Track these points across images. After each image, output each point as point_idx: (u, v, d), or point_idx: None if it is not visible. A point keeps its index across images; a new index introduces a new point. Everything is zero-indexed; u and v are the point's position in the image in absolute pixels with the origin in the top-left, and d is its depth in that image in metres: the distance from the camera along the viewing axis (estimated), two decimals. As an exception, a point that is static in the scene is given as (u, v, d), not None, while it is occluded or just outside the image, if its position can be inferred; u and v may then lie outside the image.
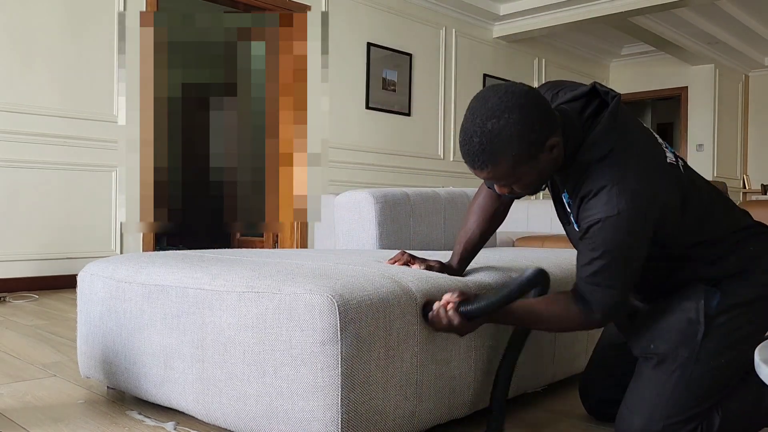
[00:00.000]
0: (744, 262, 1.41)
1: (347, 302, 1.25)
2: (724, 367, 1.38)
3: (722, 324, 1.38)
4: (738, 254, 1.41)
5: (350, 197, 2.40)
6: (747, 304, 1.39)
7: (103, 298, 1.71)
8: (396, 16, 6.22)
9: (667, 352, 1.39)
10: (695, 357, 1.37)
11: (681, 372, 1.38)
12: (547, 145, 1.26)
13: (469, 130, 1.25)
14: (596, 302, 1.34)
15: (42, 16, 4.10)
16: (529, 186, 1.33)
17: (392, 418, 1.33)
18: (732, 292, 1.39)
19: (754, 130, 9.63)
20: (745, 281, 1.40)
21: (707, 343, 1.37)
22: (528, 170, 1.28)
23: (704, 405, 1.38)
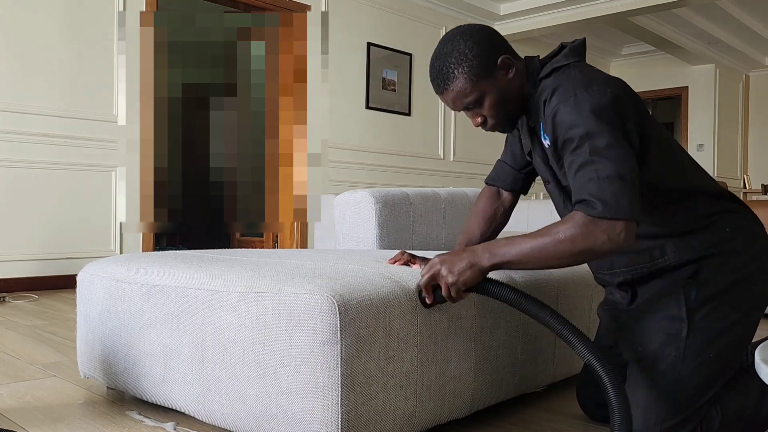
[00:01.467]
0: (719, 243, 1.37)
1: (347, 302, 1.25)
2: (713, 360, 1.35)
3: (705, 316, 1.35)
4: (714, 231, 1.38)
5: (350, 197, 2.39)
6: (726, 291, 1.36)
7: (103, 298, 1.71)
8: (396, 16, 6.22)
9: (654, 353, 1.37)
10: (683, 355, 1.35)
11: (670, 372, 1.35)
12: (500, 62, 1.37)
13: (431, 60, 1.40)
14: (594, 196, 1.20)
15: (42, 17, 4.10)
16: (496, 114, 1.40)
17: (392, 418, 1.33)
18: (708, 281, 1.36)
19: (754, 130, 9.64)
20: (720, 267, 1.36)
21: (693, 338, 1.35)
22: (487, 88, 1.36)
23: (700, 402, 1.36)
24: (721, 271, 1.37)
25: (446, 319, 1.44)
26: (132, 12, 4.46)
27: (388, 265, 1.56)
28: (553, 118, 1.32)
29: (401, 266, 1.54)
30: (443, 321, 1.43)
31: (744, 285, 1.38)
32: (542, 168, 1.50)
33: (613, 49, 9.28)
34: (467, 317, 1.50)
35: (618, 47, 9.28)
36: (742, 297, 1.38)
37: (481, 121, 1.43)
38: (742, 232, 1.40)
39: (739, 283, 1.37)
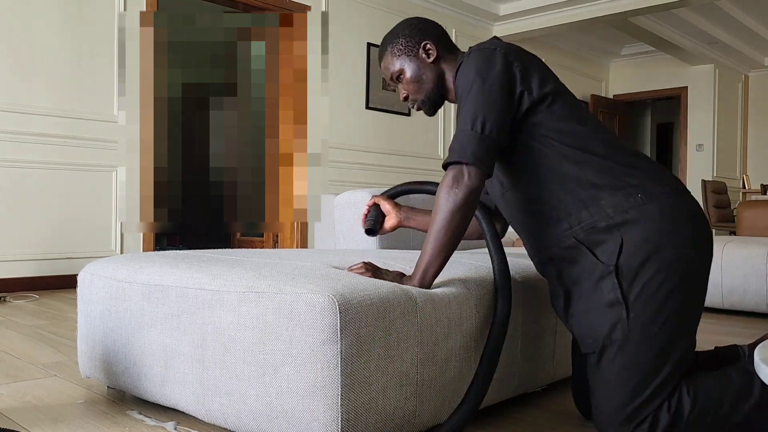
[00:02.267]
0: (632, 209, 1.38)
1: (348, 302, 1.25)
2: (659, 333, 1.35)
3: (639, 293, 1.36)
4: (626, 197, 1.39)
5: (350, 197, 2.40)
6: (649, 261, 1.35)
7: (103, 298, 1.71)
8: (396, 16, 6.23)
9: (603, 340, 1.39)
10: (628, 336, 1.36)
11: (621, 355, 1.36)
12: (422, 46, 1.58)
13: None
14: (450, 150, 1.39)
15: (42, 17, 4.10)
16: (414, 90, 1.59)
17: (392, 417, 1.33)
18: (631, 255, 1.36)
19: (754, 130, 9.64)
20: (640, 235, 1.37)
21: (634, 317, 1.36)
22: (407, 65, 1.59)
23: (659, 377, 1.35)
24: (639, 241, 1.37)
25: (446, 319, 1.44)
26: (132, 12, 4.46)
27: (388, 265, 1.56)
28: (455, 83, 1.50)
29: (404, 262, 1.57)
30: (443, 321, 1.43)
31: (668, 252, 1.36)
32: None
33: (613, 49, 9.29)
34: (467, 317, 1.50)
35: (618, 47, 9.29)
36: (671, 264, 1.36)
37: (404, 96, 1.62)
38: (655, 199, 1.40)
39: (658, 249, 1.36)
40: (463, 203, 1.36)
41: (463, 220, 1.38)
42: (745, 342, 2.76)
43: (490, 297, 1.57)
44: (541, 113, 1.44)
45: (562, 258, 1.49)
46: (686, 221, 1.41)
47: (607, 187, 1.41)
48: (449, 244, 1.39)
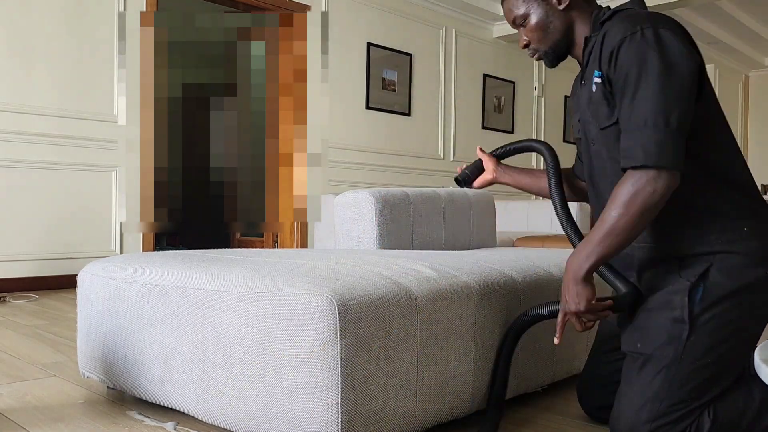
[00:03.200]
0: (734, 241, 1.33)
1: (347, 302, 1.25)
2: (711, 365, 1.33)
3: (708, 321, 1.32)
4: (733, 229, 1.33)
5: (350, 197, 2.40)
6: (732, 296, 1.32)
7: (103, 298, 1.71)
8: (396, 16, 6.22)
9: (652, 352, 1.36)
10: (680, 356, 1.33)
11: (666, 372, 1.34)
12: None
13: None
14: (641, 151, 1.22)
15: (42, 16, 4.10)
16: (538, 38, 1.45)
17: (392, 417, 1.33)
18: (715, 284, 1.33)
19: (753, 130, 9.64)
20: (730, 269, 1.33)
21: (693, 342, 1.32)
22: (534, 8, 1.43)
23: (692, 405, 1.33)
24: (730, 273, 1.33)
25: (446, 319, 1.44)
26: (132, 12, 4.46)
27: (388, 265, 1.56)
28: (613, 53, 1.31)
29: (404, 262, 1.55)
30: (443, 321, 1.43)
31: (753, 291, 1.34)
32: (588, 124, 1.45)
33: (613, 49, 9.28)
34: (467, 317, 1.50)
35: (618, 47, 9.28)
36: (750, 303, 1.34)
37: (525, 43, 1.49)
38: (760, 235, 1.35)
39: (748, 288, 1.33)
40: (660, 201, 1.25)
41: (649, 220, 1.27)
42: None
43: (490, 297, 1.57)
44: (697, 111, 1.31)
45: (644, 261, 1.44)
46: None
47: (722, 215, 1.34)
48: (624, 242, 1.29)
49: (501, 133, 7.30)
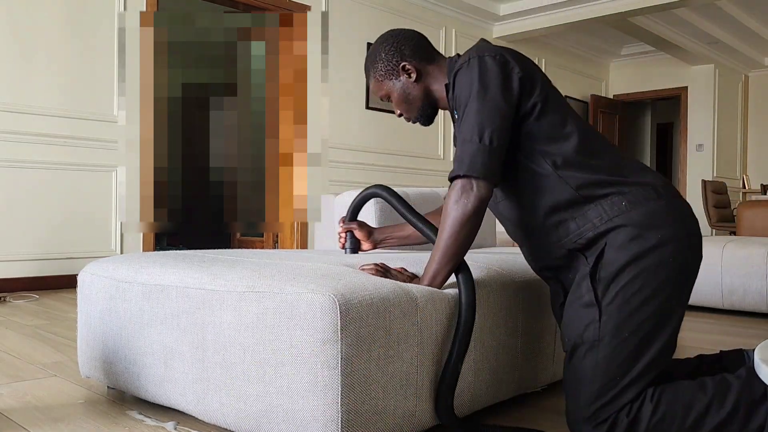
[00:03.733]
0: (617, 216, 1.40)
1: (348, 302, 1.25)
2: (630, 338, 1.36)
3: (613, 298, 1.38)
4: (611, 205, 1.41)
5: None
6: (628, 267, 1.37)
7: (104, 298, 1.71)
8: (396, 16, 6.23)
9: (576, 340, 1.41)
10: (599, 338, 1.38)
11: (590, 355, 1.38)
12: (401, 67, 1.58)
13: None
14: (457, 162, 1.39)
15: (42, 17, 4.10)
16: (405, 109, 1.62)
17: (392, 417, 1.33)
18: (610, 260, 1.39)
19: (754, 130, 9.64)
20: (620, 243, 1.39)
21: (606, 321, 1.38)
22: (391, 88, 1.61)
23: (623, 381, 1.36)
24: (620, 247, 1.39)
25: (446, 319, 1.44)
26: (132, 12, 4.46)
27: (388, 265, 1.56)
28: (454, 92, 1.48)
29: (404, 262, 1.57)
30: (443, 321, 1.43)
31: (646, 256, 1.38)
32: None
33: (613, 49, 9.29)
34: (467, 317, 1.50)
35: (618, 47, 9.29)
36: (650, 271, 1.37)
37: (398, 114, 1.66)
38: (637, 204, 1.41)
39: (640, 256, 1.38)
40: (472, 213, 1.38)
41: (472, 230, 1.40)
42: (744, 341, 2.76)
43: (490, 297, 1.57)
44: (533, 123, 1.44)
45: (557, 266, 1.53)
46: (672, 226, 1.41)
47: (593, 197, 1.43)
48: (458, 253, 1.41)
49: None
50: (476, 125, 1.39)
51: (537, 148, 1.44)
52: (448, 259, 1.41)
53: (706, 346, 2.64)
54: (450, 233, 1.39)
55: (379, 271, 1.47)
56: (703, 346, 2.64)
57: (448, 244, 1.40)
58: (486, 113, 1.39)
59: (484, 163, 1.37)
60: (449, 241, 1.40)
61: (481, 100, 1.40)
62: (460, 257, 1.42)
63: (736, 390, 1.35)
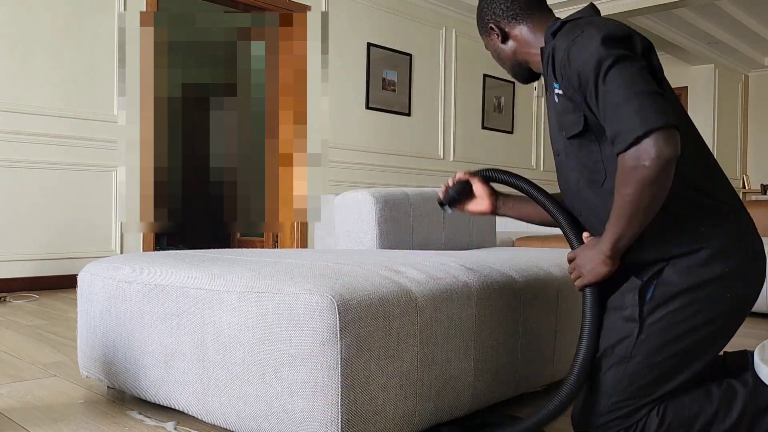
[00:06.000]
0: (689, 243, 1.31)
1: (347, 302, 1.25)
2: (661, 363, 1.32)
3: (658, 320, 1.32)
4: (689, 231, 1.31)
5: (350, 197, 2.40)
6: (684, 294, 1.31)
7: (103, 298, 1.71)
8: (396, 16, 6.23)
9: (606, 349, 1.37)
10: (630, 354, 1.33)
11: (616, 369, 1.34)
12: (489, 26, 1.53)
13: None
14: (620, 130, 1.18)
15: (42, 17, 4.10)
16: (502, 65, 1.58)
17: (392, 417, 1.33)
18: (666, 282, 1.32)
19: (754, 130, 9.64)
20: (682, 268, 1.31)
21: (643, 340, 1.33)
22: (488, 44, 1.57)
23: (641, 402, 1.33)
24: (683, 272, 1.31)
25: (446, 319, 1.44)
26: (132, 12, 4.46)
27: (388, 265, 1.56)
28: (564, 64, 1.30)
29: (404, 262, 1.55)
30: (443, 321, 1.43)
31: (706, 288, 1.31)
32: (555, 134, 1.46)
33: (613, 49, 9.27)
34: (467, 317, 1.50)
35: (618, 47, 9.28)
36: (703, 301, 1.31)
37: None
38: (717, 234, 1.32)
39: (700, 286, 1.31)
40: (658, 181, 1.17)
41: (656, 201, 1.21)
42: (744, 341, 2.75)
43: (490, 297, 1.57)
44: None
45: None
46: (740, 262, 1.33)
47: (676, 213, 1.31)
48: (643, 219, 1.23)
49: (501, 133, 7.30)
50: (627, 86, 1.19)
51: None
52: (627, 225, 1.24)
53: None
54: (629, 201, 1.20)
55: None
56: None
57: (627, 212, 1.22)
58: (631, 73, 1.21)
59: (658, 111, 1.16)
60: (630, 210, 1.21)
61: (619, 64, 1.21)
62: (643, 225, 1.25)
63: (742, 398, 1.34)
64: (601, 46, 1.23)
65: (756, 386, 1.34)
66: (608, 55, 1.22)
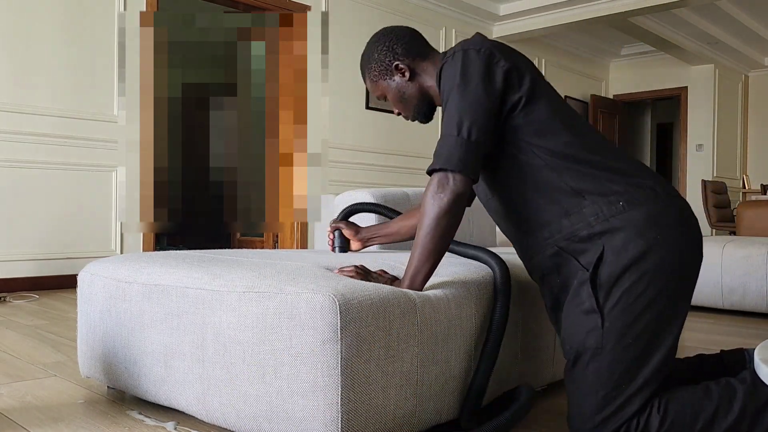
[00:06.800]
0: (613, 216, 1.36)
1: (348, 302, 1.25)
2: (634, 343, 1.33)
3: (615, 303, 1.34)
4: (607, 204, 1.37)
5: (350, 197, 2.40)
6: (628, 271, 1.33)
7: (103, 298, 1.71)
8: (396, 16, 6.23)
9: (578, 348, 1.37)
10: (601, 345, 1.34)
11: (593, 364, 1.35)
12: (394, 66, 1.58)
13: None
14: (435, 156, 1.37)
15: (42, 17, 4.10)
16: (402, 108, 1.63)
17: (392, 417, 1.33)
18: (609, 264, 1.35)
19: (753, 130, 9.64)
20: (620, 244, 1.35)
21: (608, 328, 1.33)
22: (386, 88, 1.61)
23: (629, 389, 1.33)
24: (619, 251, 1.34)
25: (446, 319, 1.44)
26: (132, 12, 4.46)
27: (388, 265, 1.56)
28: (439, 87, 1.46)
29: (402, 261, 1.57)
30: (443, 321, 1.43)
31: (649, 260, 1.34)
32: None
33: (613, 49, 9.29)
34: (467, 317, 1.50)
35: (617, 47, 9.29)
36: (651, 274, 1.33)
37: (396, 113, 1.66)
38: (635, 204, 1.37)
39: (640, 259, 1.33)
40: (448, 208, 1.35)
41: (449, 226, 1.37)
42: (744, 341, 2.76)
43: (490, 297, 1.57)
44: (521, 116, 1.41)
45: (547, 266, 1.48)
46: (672, 227, 1.37)
47: (589, 193, 1.38)
48: (436, 249, 1.38)
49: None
50: (455, 118, 1.36)
51: (529, 141, 1.41)
52: (426, 257, 1.38)
53: (706, 346, 2.64)
54: (427, 230, 1.36)
55: (360, 273, 1.44)
56: (703, 346, 2.64)
57: (426, 241, 1.36)
58: (466, 107, 1.36)
59: (461, 158, 1.34)
60: (426, 239, 1.36)
61: (461, 93, 1.37)
62: (440, 254, 1.39)
63: (742, 395, 1.34)
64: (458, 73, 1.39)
65: (755, 383, 1.34)
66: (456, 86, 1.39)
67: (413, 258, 1.39)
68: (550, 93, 1.46)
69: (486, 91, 1.37)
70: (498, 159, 1.45)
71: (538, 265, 1.51)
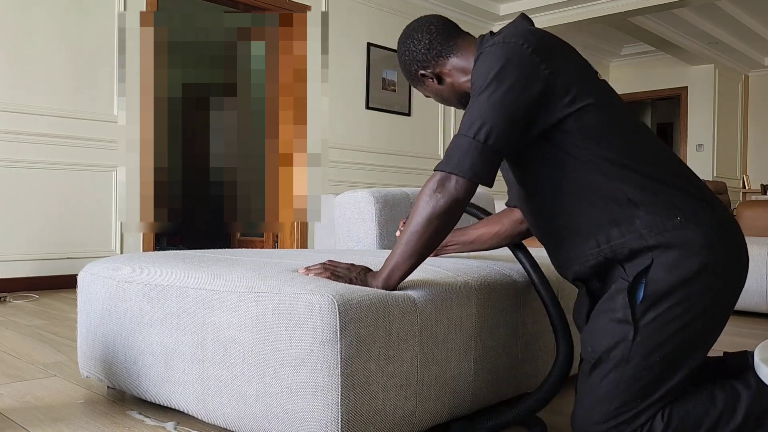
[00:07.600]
0: (668, 231, 1.29)
1: (347, 302, 1.25)
2: (659, 363, 1.30)
3: (652, 320, 1.29)
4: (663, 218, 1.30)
5: (350, 197, 2.40)
6: (674, 291, 1.28)
7: (103, 298, 1.71)
8: (396, 16, 6.23)
9: (601, 354, 1.34)
10: (627, 357, 1.31)
11: (614, 373, 1.32)
12: (420, 75, 1.52)
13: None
14: (446, 156, 1.30)
15: (42, 17, 4.10)
16: (451, 104, 1.58)
17: (392, 418, 1.33)
18: (655, 281, 1.29)
19: (753, 130, 9.64)
20: (669, 262, 1.28)
21: (639, 342, 1.30)
22: (425, 91, 1.56)
23: (642, 404, 1.31)
24: (669, 268, 1.29)
25: (446, 319, 1.44)
26: (132, 12, 4.46)
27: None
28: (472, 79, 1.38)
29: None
30: (443, 321, 1.43)
31: (692, 284, 1.29)
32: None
33: (613, 49, 9.29)
34: (467, 317, 1.50)
35: (617, 47, 9.29)
36: (696, 296, 1.29)
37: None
38: (694, 225, 1.30)
39: (688, 282, 1.28)
40: (443, 211, 1.28)
41: (440, 228, 1.31)
42: (744, 341, 2.76)
43: (490, 297, 1.57)
44: (571, 121, 1.31)
45: (587, 276, 1.43)
46: (725, 252, 1.32)
47: (645, 204, 1.30)
48: (421, 250, 1.32)
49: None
50: (476, 119, 1.27)
51: (582, 146, 1.31)
52: (408, 257, 1.32)
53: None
54: (415, 229, 1.30)
55: (327, 269, 1.38)
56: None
57: (412, 239, 1.30)
58: (490, 109, 1.26)
59: (473, 163, 1.26)
60: (413, 237, 1.30)
61: (490, 94, 1.27)
62: (423, 257, 1.33)
63: (746, 400, 1.33)
64: (491, 69, 1.30)
65: (759, 387, 1.33)
66: (486, 84, 1.29)
67: (394, 254, 1.34)
68: (607, 96, 1.36)
69: (518, 98, 1.27)
70: (544, 160, 1.37)
71: (577, 274, 1.44)
